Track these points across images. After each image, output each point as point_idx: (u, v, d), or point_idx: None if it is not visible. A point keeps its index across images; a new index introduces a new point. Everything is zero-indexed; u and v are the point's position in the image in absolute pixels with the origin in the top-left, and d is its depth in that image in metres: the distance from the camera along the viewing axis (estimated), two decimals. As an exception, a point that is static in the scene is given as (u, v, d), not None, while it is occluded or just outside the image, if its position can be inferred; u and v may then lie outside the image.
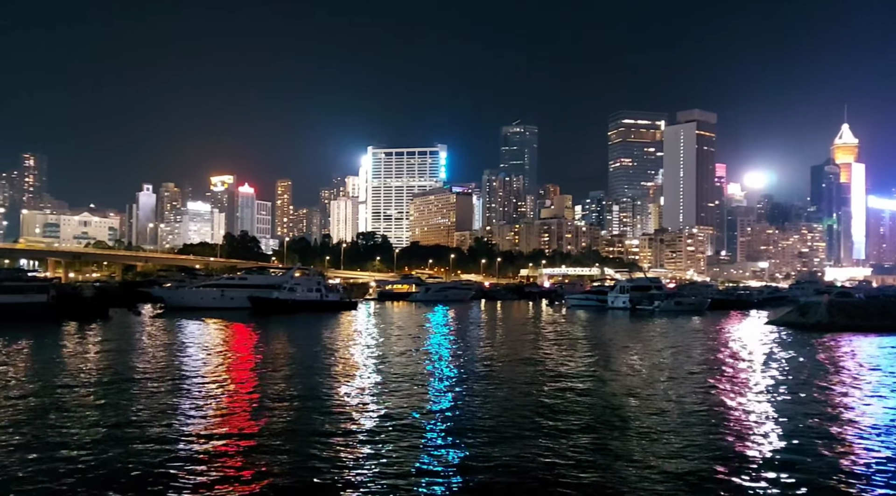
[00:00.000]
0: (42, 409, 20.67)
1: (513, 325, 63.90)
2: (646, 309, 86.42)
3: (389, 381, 26.66)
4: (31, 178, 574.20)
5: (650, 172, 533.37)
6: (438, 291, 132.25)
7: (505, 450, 16.20)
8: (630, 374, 29.50)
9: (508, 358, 35.30)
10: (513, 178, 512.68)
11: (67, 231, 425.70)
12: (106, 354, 35.74)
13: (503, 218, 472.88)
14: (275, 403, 22.06)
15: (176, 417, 19.75)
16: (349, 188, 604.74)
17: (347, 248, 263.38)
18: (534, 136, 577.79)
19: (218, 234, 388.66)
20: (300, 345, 41.59)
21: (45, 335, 46.00)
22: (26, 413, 20.15)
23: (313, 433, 17.82)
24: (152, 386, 25.29)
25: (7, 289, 64.59)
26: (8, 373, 28.41)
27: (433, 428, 18.69)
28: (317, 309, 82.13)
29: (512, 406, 21.81)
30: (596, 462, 15.32)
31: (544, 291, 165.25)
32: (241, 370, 30.70)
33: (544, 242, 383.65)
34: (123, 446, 16.30)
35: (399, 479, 14.04)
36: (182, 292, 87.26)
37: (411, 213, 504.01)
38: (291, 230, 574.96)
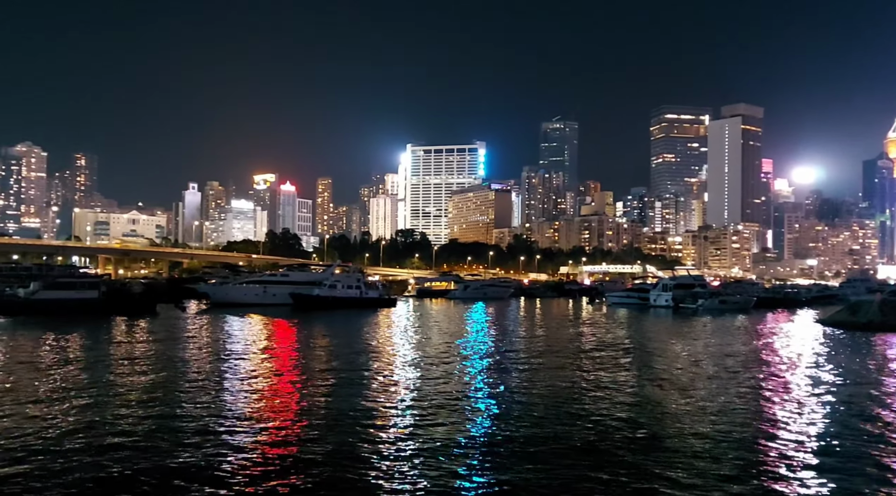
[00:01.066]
0: (94, 400, 21.33)
1: (552, 323, 63.42)
2: (689, 307, 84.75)
3: (428, 378, 26.73)
4: (83, 178, 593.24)
5: (694, 168, 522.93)
6: (477, 289, 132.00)
7: (542, 449, 16.09)
8: (673, 375, 28.98)
9: (548, 355, 35.05)
10: (552, 175, 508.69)
11: (117, 229, 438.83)
12: (153, 349, 36.72)
13: (542, 215, 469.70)
14: (315, 398, 22.33)
15: (219, 409, 20.16)
16: (388, 186, 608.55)
17: (386, 245, 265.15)
18: (574, 133, 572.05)
19: (260, 232, 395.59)
20: (341, 342, 42.04)
21: (97, 330, 47.50)
22: (79, 402, 20.82)
23: (353, 429, 17.97)
24: (197, 379, 25.90)
25: (60, 285, 67.00)
26: (62, 366, 29.44)
27: (471, 427, 18.67)
28: (356, 305, 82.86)
29: (551, 404, 21.65)
30: (632, 477, 15.09)
31: (584, 289, 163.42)
32: (284, 365, 31.17)
33: (584, 240, 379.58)
34: (171, 435, 16.73)
35: (436, 476, 14.06)
36: (226, 288, 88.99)
37: (450, 211, 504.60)
38: (332, 228, 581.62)
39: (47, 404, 20.77)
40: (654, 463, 15.10)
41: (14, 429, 17.48)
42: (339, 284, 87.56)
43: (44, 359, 31.36)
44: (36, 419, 18.65)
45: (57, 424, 18.12)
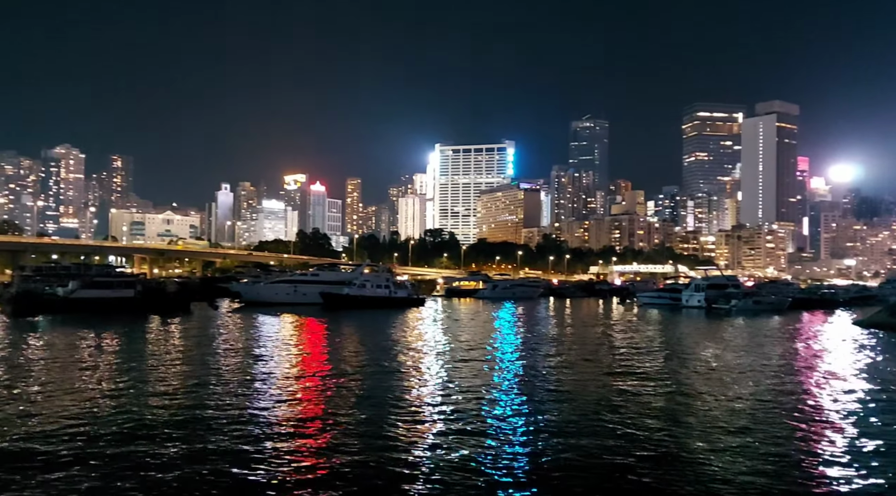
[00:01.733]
0: (129, 396, 21.78)
1: (582, 324, 62.93)
2: (722, 308, 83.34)
3: (456, 376, 26.73)
4: (119, 179, 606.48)
5: (727, 167, 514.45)
6: (506, 288, 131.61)
7: (573, 453, 15.97)
8: (706, 379, 28.52)
9: (577, 356, 34.79)
10: (582, 174, 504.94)
11: (152, 229, 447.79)
12: (188, 347, 37.39)
13: (572, 214, 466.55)
14: (345, 396, 22.49)
15: (252, 406, 20.43)
16: (417, 186, 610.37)
17: (415, 244, 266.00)
18: (604, 131, 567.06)
19: (291, 232, 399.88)
20: (370, 341, 42.27)
21: (133, 328, 48.50)
22: (115, 398, 21.26)
23: (381, 426, 18.06)
24: (231, 376, 26.29)
25: (98, 284, 68.60)
26: (100, 363, 30.14)
27: (498, 427, 18.62)
28: (385, 305, 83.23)
29: (579, 408, 21.48)
30: (664, 473, 14.90)
31: (615, 289, 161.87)
32: (315, 363, 31.43)
33: (615, 239, 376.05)
34: (206, 430, 17.01)
35: (465, 475, 14.05)
36: (258, 288, 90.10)
37: (478, 210, 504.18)
38: (361, 227, 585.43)
39: (84, 400, 21.25)
40: (684, 478, 14.89)
41: (54, 422, 17.94)
42: (368, 284, 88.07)
43: (82, 357, 32.12)
44: (74, 414, 19.10)
45: (94, 419, 18.53)
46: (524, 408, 21.09)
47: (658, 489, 13.45)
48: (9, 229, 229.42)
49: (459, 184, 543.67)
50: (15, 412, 19.35)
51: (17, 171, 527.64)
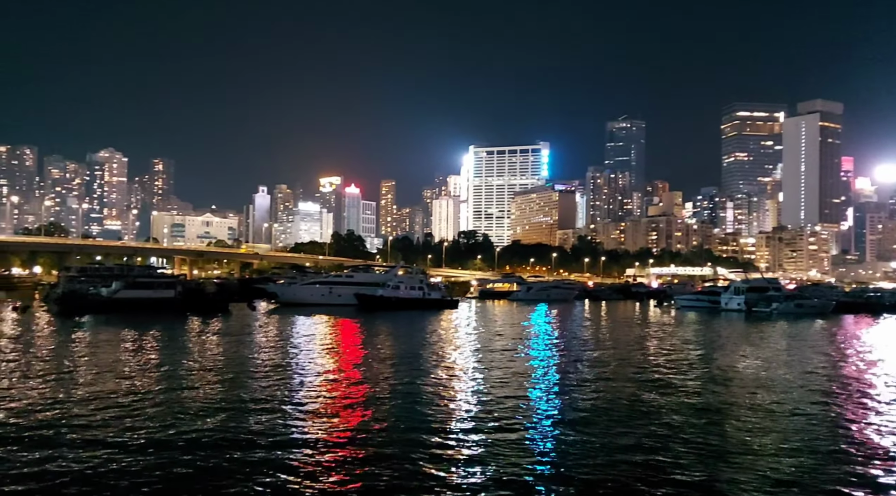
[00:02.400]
0: (170, 393, 22.25)
1: (618, 326, 62.17)
2: (763, 311, 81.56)
3: (491, 379, 26.62)
4: (160, 182, 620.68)
5: (767, 167, 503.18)
6: (540, 290, 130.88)
7: (610, 457, 15.79)
8: (747, 382, 27.91)
9: (614, 359, 34.37)
10: (618, 175, 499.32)
11: (191, 231, 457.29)
12: (227, 346, 38.06)
13: (608, 216, 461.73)
14: (379, 396, 22.60)
15: (289, 404, 20.67)
16: (451, 187, 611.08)
17: (449, 246, 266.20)
18: (641, 131, 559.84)
19: (326, 233, 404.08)
20: (404, 342, 42.44)
21: (173, 328, 49.54)
22: (157, 396, 21.74)
23: (416, 427, 18.09)
24: (268, 376, 26.65)
25: (140, 285, 70.32)
26: (144, 359, 30.87)
27: (534, 430, 18.50)
28: (419, 306, 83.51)
29: (618, 409, 21.22)
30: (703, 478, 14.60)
31: (652, 291, 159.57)
32: (350, 363, 31.66)
33: (652, 241, 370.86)
34: (244, 427, 17.27)
35: (498, 478, 13.99)
36: (294, 288, 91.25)
37: (513, 212, 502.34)
38: (395, 229, 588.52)
39: (128, 397, 21.76)
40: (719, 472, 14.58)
41: (98, 418, 18.43)
42: (402, 285, 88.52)
43: (126, 355, 32.93)
44: (117, 409, 19.59)
45: (136, 415, 18.97)
46: (558, 414, 20.90)
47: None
48: (55, 231, 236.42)
49: (493, 185, 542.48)
50: (68, 404, 19.92)
51: (63, 174, 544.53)
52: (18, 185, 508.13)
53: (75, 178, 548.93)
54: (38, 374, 26.25)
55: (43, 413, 19.24)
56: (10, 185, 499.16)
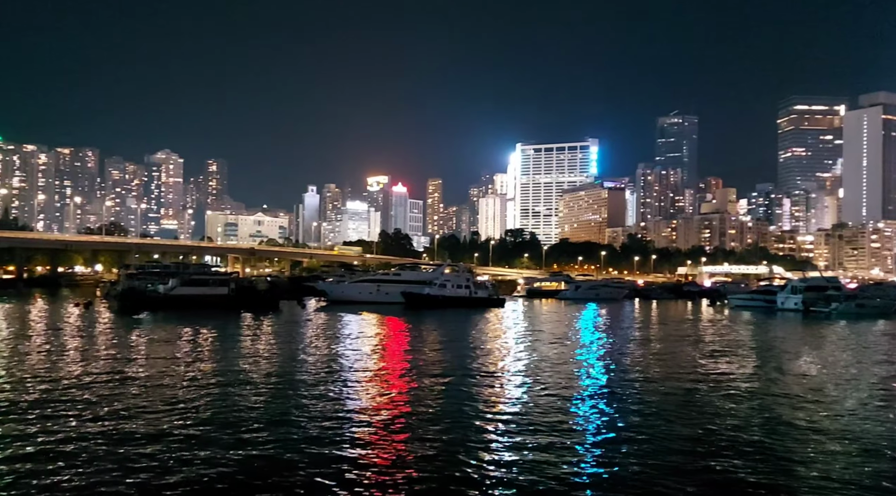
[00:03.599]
0: (224, 388, 22.86)
1: (670, 326, 60.89)
2: (821, 311, 78.68)
3: (538, 379, 26.41)
4: (214, 182, 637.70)
5: (827, 162, 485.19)
6: (589, 289, 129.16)
7: (660, 465, 15.50)
8: (807, 385, 26.99)
9: (666, 360, 33.71)
10: (670, 172, 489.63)
11: (244, 230, 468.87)
12: (278, 343, 38.87)
13: (659, 213, 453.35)
14: (426, 394, 22.69)
15: (338, 400, 20.98)
16: (497, 185, 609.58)
17: (496, 245, 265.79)
18: (693, 127, 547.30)
19: (374, 232, 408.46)
20: (451, 340, 42.53)
21: (227, 324, 50.84)
22: (211, 390, 22.35)
23: (463, 424, 18.12)
24: (318, 372, 27.12)
25: (195, 282, 72.37)
26: (198, 354, 31.82)
27: (583, 431, 18.31)
28: (466, 305, 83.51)
29: (670, 411, 20.82)
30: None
31: (704, 291, 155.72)
32: (398, 360, 31.93)
33: (704, 239, 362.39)
34: (293, 423, 17.62)
35: (545, 479, 13.91)
36: (342, 287, 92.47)
37: (560, 210, 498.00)
38: (441, 228, 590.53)
39: (183, 392, 22.46)
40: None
41: (153, 410, 19.09)
42: (448, 284, 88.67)
43: (183, 349, 33.99)
44: (174, 403, 20.25)
45: (191, 409, 19.56)
46: (607, 415, 20.62)
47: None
48: (115, 231, 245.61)
49: (541, 183, 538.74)
50: (129, 397, 20.70)
51: (123, 175, 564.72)
52: (81, 186, 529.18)
53: (134, 178, 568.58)
54: (101, 368, 27.33)
55: (109, 404, 20.02)
56: (73, 186, 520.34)
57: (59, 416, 18.45)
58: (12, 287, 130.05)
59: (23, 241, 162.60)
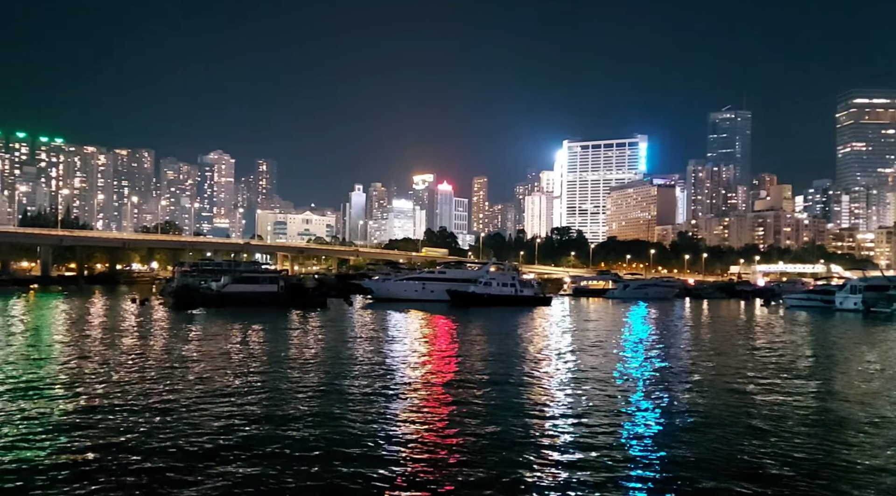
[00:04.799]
0: (274, 383, 23.28)
1: (722, 325, 59.35)
2: (882, 311, 75.55)
3: (585, 379, 26.04)
4: (264, 182, 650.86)
5: (889, 157, 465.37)
6: (637, 288, 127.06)
7: (710, 464, 15.10)
8: (867, 389, 25.94)
9: (717, 361, 32.85)
10: (722, 168, 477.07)
11: (292, 228, 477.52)
12: (326, 338, 39.45)
13: (710, 211, 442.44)
14: (472, 392, 22.61)
15: (381, 396, 21.11)
16: (543, 183, 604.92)
17: (541, 243, 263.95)
18: (746, 122, 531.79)
19: (419, 230, 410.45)
20: (497, 338, 42.37)
21: (276, 321, 51.85)
22: (261, 386, 22.78)
23: (508, 423, 18.01)
24: (362, 367, 27.39)
25: (246, 279, 74.13)
26: (250, 350, 32.52)
27: (630, 434, 17.98)
28: (511, 303, 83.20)
29: (721, 415, 20.27)
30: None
31: (758, 290, 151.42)
32: (443, 358, 31.95)
33: (758, 237, 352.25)
34: (337, 413, 17.81)
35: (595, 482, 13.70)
36: (388, 284, 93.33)
37: (608, 207, 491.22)
38: (487, 226, 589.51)
39: (234, 387, 22.96)
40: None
41: (204, 403, 19.58)
42: (494, 282, 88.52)
43: (233, 345, 34.79)
44: (225, 397, 20.72)
45: (241, 404, 19.98)
46: (655, 418, 20.19)
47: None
48: (170, 229, 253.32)
49: (588, 180, 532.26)
50: (183, 389, 21.33)
51: (177, 175, 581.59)
52: (138, 185, 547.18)
53: (188, 179, 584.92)
54: (157, 361, 28.21)
55: (162, 395, 20.65)
56: (130, 186, 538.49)
57: (118, 406, 19.10)
58: (74, 283, 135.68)
59: (84, 239, 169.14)
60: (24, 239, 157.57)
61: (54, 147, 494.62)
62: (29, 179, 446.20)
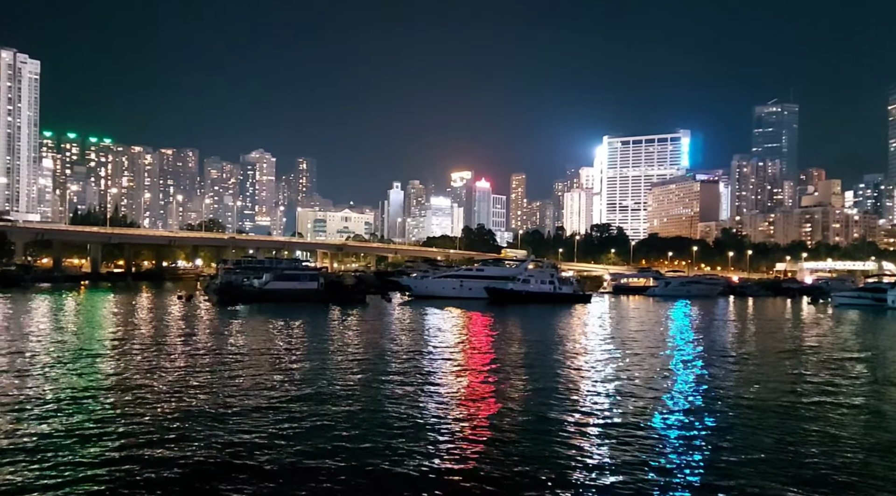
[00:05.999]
0: (316, 378, 23.56)
1: (767, 324, 57.85)
2: (939, 311, 72.77)
3: (626, 379, 25.70)
4: (304, 180, 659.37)
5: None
6: (679, 286, 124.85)
7: (754, 468, 14.75)
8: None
9: (762, 361, 32.08)
10: (767, 163, 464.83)
11: (332, 226, 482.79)
12: (366, 335, 39.80)
13: (755, 207, 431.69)
14: (510, 389, 22.54)
15: (421, 392, 21.18)
16: (583, 180, 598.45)
17: (581, 240, 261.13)
18: (793, 116, 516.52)
19: (457, 227, 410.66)
20: (535, 336, 42.15)
21: (316, 317, 52.55)
22: (301, 382, 23.10)
23: (546, 421, 17.89)
24: (402, 363, 27.58)
25: (287, 277, 75.38)
26: (291, 345, 33.03)
27: (671, 434, 17.68)
28: (550, 300, 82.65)
29: (765, 419, 19.78)
30: None
31: (805, 288, 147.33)
32: (480, 355, 31.89)
33: (805, 233, 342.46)
34: (376, 409, 17.96)
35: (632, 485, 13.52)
36: (426, 282, 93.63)
37: (649, 204, 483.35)
38: (525, 223, 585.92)
39: (277, 381, 23.33)
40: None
41: (252, 395, 19.96)
42: (532, 279, 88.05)
43: (274, 341, 35.37)
44: (267, 392, 21.08)
45: (283, 398, 20.28)
46: (696, 418, 19.80)
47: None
48: (213, 227, 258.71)
49: (629, 176, 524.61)
50: (225, 382, 21.81)
51: (221, 174, 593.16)
52: (182, 184, 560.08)
53: (230, 177, 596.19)
54: (202, 355, 28.87)
55: (210, 387, 21.13)
56: (175, 184, 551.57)
57: (164, 395, 19.65)
58: (122, 280, 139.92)
59: (132, 237, 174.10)
60: (76, 236, 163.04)
61: (103, 147, 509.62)
62: (79, 179, 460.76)
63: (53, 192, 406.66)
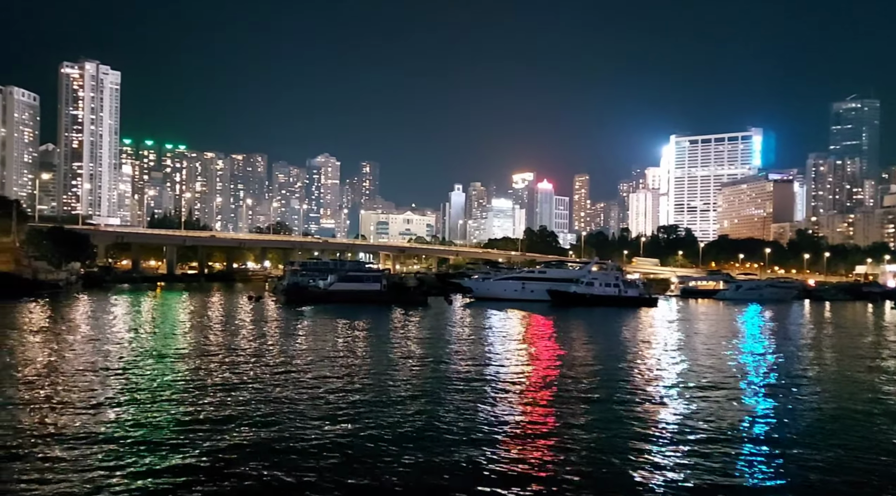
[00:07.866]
0: (380, 374, 23.89)
1: (846, 331, 55.01)
2: None
3: (693, 387, 24.92)
4: (367, 183, 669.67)
5: None
6: (751, 289, 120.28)
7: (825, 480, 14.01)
8: None
9: (839, 371, 30.52)
10: (846, 161, 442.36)
11: (394, 228, 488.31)
12: (428, 336, 40.12)
13: (833, 207, 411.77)
14: (572, 394, 22.23)
15: (484, 394, 21.14)
16: (649, 180, 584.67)
17: (647, 242, 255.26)
18: (874, 112, 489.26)
19: (518, 229, 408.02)
20: (599, 341, 41.45)
21: (379, 318, 53.21)
22: (367, 383, 23.40)
23: (604, 430, 17.53)
24: (463, 366, 27.60)
25: (351, 278, 76.80)
26: (356, 345, 33.57)
27: (734, 446, 17.02)
28: (614, 303, 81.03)
29: (839, 430, 18.80)
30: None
31: (888, 292, 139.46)
32: (542, 359, 31.59)
33: (888, 234, 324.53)
34: (436, 409, 18.00)
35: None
36: (487, 284, 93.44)
37: (719, 204, 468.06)
38: (588, 224, 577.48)
39: (341, 380, 23.74)
40: None
41: (316, 392, 20.39)
42: (596, 282, 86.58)
43: (340, 341, 36.05)
44: (330, 390, 21.48)
45: (347, 394, 20.63)
46: (765, 430, 19.00)
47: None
48: (281, 230, 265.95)
49: (697, 176, 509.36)
50: (295, 380, 22.38)
51: (288, 178, 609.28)
52: (252, 188, 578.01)
53: (297, 181, 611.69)
54: (273, 353, 29.71)
55: (279, 383, 21.75)
56: (245, 189, 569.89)
57: (238, 389, 20.30)
58: (195, 281, 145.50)
59: (205, 240, 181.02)
60: (153, 239, 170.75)
61: (178, 153, 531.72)
62: (156, 184, 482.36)
63: (132, 197, 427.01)
